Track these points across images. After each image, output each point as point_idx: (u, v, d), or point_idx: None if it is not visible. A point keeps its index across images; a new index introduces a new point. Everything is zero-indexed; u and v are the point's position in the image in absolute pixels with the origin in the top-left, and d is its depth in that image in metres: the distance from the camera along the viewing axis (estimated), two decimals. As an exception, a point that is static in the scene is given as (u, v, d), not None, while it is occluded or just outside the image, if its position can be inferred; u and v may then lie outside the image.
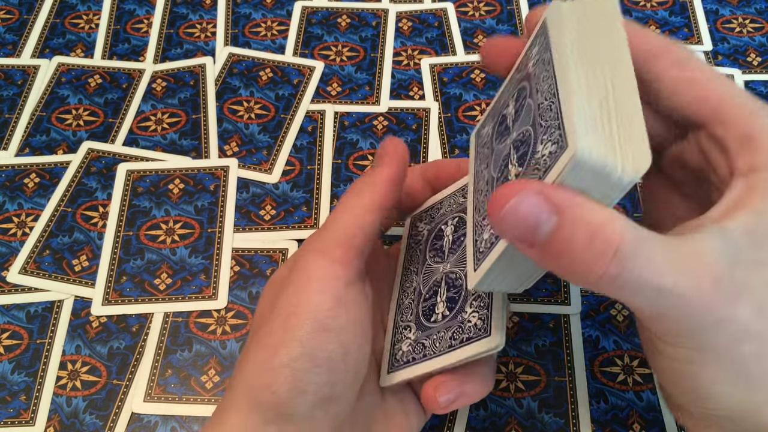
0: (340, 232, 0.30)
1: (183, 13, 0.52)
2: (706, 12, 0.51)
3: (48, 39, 0.51)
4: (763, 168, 0.24)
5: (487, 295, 0.30)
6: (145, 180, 0.44)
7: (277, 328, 0.29)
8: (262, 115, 0.47)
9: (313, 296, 0.29)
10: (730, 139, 0.26)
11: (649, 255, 0.22)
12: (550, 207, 0.22)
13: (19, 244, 0.42)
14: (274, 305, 0.30)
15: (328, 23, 0.51)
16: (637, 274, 0.22)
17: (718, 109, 0.26)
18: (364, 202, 0.31)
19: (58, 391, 0.38)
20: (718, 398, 0.24)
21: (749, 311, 0.23)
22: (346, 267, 0.29)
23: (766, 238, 0.24)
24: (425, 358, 0.31)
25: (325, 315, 0.28)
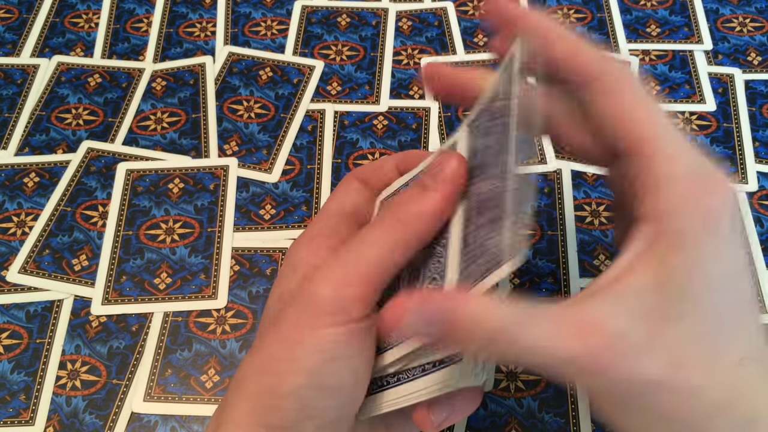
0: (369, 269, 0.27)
1: (183, 12, 0.52)
2: (707, 11, 0.51)
3: (48, 38, 0.51)
4: (667, 218, 0.24)
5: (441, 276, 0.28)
6: (145, 179, 0.44)
7: (283, 355, 0.27)
8: (261, 114, 0.47)
9: (323, 329, 0.27)
10: (641, 180, 0.25)
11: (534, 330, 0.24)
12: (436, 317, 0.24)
13: (18, 243, 0.42)
14: (278, 327, 0.28)
15: (328, 22, 0.51)
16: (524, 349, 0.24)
17: (636, 147, 0.26)
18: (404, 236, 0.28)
19: (58, 390, 0.38)
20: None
21: (662, 365, 0.23)
22: (365, 304, 0.27)
23: (673, 292, 0.24)
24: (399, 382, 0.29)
25: (333, 347, 0.27)
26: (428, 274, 0.29)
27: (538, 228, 0.42)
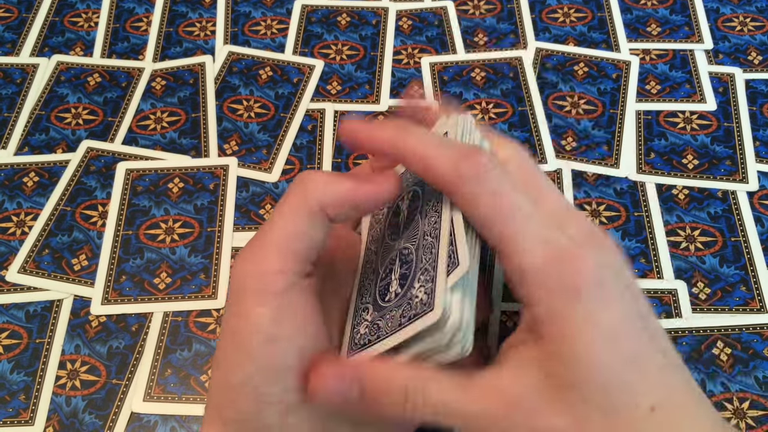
0: (281, 240, 0.28)
1: (182, 11, 0.52)
2: (707, 10, 0.51)
3: (47, 37, 0.50)
4: (536, 304, 0.27)
5: (432, 267, 0.29)
6: (145, 179, 0.44)
7: (227, 347, 0.28)
8: (261, 113, 0.47)
9: (253, 311, 0.27)
10: (510, 272, 0.28)
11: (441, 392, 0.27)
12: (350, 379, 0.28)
13: (18, 243, 0.42)
14: (224, 323, 0.29)
15: (328, 22, 0.51)
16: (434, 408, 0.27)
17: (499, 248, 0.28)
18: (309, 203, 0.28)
19: (58, 390, 0.38)
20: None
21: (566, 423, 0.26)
22: (285, 275, 0.28)
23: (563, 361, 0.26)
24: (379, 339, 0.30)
25: (268, 326, 0.27)
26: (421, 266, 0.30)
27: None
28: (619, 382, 0.26)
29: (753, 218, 0.42)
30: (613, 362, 0.26)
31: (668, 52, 0.49)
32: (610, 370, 0.26)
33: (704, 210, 0.43)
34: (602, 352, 0.26)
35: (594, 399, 0.26)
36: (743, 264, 0.41)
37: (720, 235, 0.42)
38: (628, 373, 0.26)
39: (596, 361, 0.26)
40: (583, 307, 0.26)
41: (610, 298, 0.27)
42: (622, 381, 0.26)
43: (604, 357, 0.26)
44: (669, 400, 0.26)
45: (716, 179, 0.44)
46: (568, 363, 0.27)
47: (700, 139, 0.45)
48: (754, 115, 0.46)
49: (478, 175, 0.28)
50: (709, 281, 0.40)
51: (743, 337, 0.39)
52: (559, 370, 0.27)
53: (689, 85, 0.47)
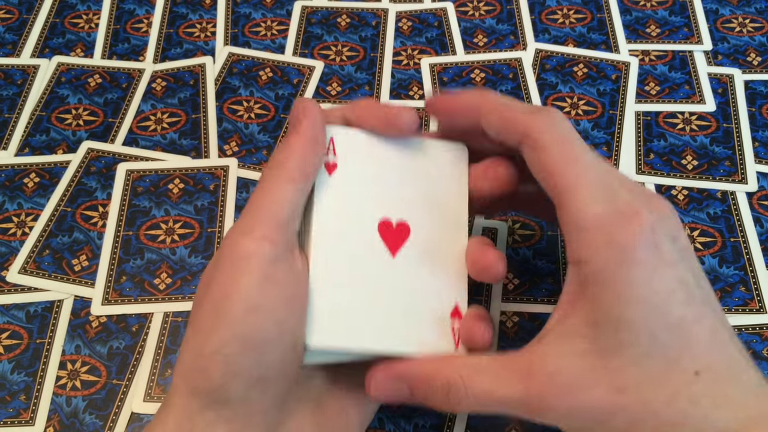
0: (263, 210, 0.29)
1: (183, 12, 0.52)
2: (706, 11, 0.51)
3: (48, 38, 0.51)
4: (585, 262, 0.27)
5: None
6: (145, 180, 0.44)
7: (208, 314, 0.28)
8: (261, 114, 0.47)
9: (240, 278, 0.28)
10: (564, 229, 0.28)
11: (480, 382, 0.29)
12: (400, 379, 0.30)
13: (18, 243, 0.42)
14: (205, 292, 0.29)
15: (328, 23, 0.51)
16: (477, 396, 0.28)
17: (558, 198, 0.29)
18: (283, 173, 0.30)
19: (58, 390, 0.38)
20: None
21: (606, 392, 0.26)
22: (273, 243, 0.28)
23: (607, 326, 0.27)
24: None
25: (254, 295, 0.28)
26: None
27: (538, 228, 0.42)
28: (664, 348, 0.26)
29: (752, 219, 0.42)
30: (661, 328, 0.26)
31: (667, 53, 0.49)
32: (656, 335, 0.26)
33: (703, 210, 0.43)
34: (651, 317, 0.26)
35: (639, 363, 0.26)
36: (742, 264, 0.41)
37: (719, 235, 0.42)
38: (675, 339, 0.26)
39: (644, 326, 0.26)
40: (636, 270, 0.26)
41: (664, 261, 0.27)
42: (668, 346, 0.26)
43: (653, 322, 0.26)
44: (714, 365, 0.26)
45: (715, 180, 0.44)
46: (615, 325, 0.26)
47: (700, 140, 0.45)
48: (753, 115, 0.46)
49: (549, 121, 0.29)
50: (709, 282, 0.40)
51: (743, 338, 0.39)
52: (603, 335, 0.27)
53: (688, 86, 0.48)
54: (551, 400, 0.27)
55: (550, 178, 0.29)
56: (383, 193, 0.33)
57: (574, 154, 0.29)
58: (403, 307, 0.31)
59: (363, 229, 0.32)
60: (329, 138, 0.32)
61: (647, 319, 0.26)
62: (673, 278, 0.27)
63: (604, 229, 0.27)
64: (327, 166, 0.32)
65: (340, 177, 0.32)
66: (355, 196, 0.32)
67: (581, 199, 0.28)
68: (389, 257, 0.32)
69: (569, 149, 0.29)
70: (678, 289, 0.27)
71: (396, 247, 0.32)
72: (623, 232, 0.27)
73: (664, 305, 0.26)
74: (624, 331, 0.26)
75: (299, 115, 0.31)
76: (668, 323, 0.26)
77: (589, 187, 0.28)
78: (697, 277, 0.28)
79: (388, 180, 0.33)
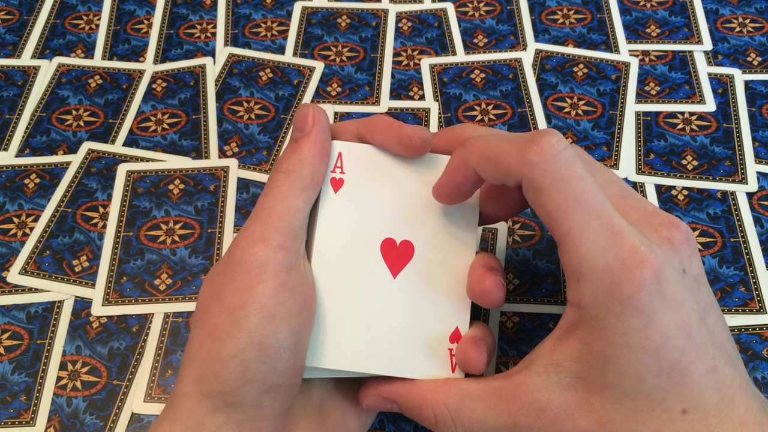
0: (276, 217, 0.29)
1: (183, 13, 0.52)
2: (706, 12, 0.51)
3: (48, 40, 0.51)
4: (587, 307, 0.27)
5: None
6: (145, 180, 0.44)
7: (224, 321, 0.28)
8: (262, 115, 0.47)
9: (257, 286, 0.28)
10: (566, 271, 0.28)
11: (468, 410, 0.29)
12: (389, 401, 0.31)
13: (19, 244, 0.42)
14: (217, 299, 0.29)
15: (328, 23, 0.51)
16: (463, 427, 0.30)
17: (560, 240, 0.28)
18: (296, 180, 0.30)
19: (59, 391, 0.38)
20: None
21: (589, 423, 0.27)
22: (287, 251, 0.29)
23: (595, 366, 0.27)
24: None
25: (271, 303, 0.28)
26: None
27: (538, 228, 0.42)
28: (651, 389, 0.26)
29: (752, 219, 0.42)
30: (650, 372, 0.26)
31: (667, 54, 0.49)
32: (643, 378, 0.26)
33: (703, 211, 0.43)
34: (640, 361, 0.26)
35: (620, 402, 0.27)
36: (743, 265, 0.41)
37: (719, 235, 0.42)
38: (664, 382, 0.26)
39: (631, 370, 0.26)
40: (633, 319, 0.26)
41: (666, 305, 0.26)
42: (655, 388, 0.26)
43: (640, 366, 0.26)
44: (705, 402, 0.26)
45: (715, 180, 0.44)
46: (602, 367, 0.27)
47: (700, 140, 0.45)
48: (753, 116, 0.46)
49: (546, 160, 0.27)
50: (709, 282, 0.40)
51: (742, 338, 0.39)
52: (589, 373, 0.27)
53: (688, 86, 0.48)
54: (542, 426, 0.28)
55: (550, 222, 0.28)
56: (389, 212, 0.32)
57: (575, 196, 0.27)
58: (401, 330, 0.31)
59: (365, 249, 0.32)
60: (337, 153, 0.32)
61: (635, 365, 0.26)
62: (673, 324, 0.26)
63: (605, 280, 0.26)
64: (333, 182, 0.32)
65: (346, 194, 0.32)
66: (359, 214, 0.32)
67: (582, 248, 0.27)
68: (390, 278, 0.32)
69: (570, 190, 0.27)
70: (677, 335, 0.26)
71: (398, 267, 0.32)
72: (625, 284, 0.26)
73: (656, 351, 0.26)
74: (609, 373, 0.27)
75: (309, 121, 0.31)
76: (659, 368, 0.26)
77: (591, 234, 0.27)
78: (704, 312, 0.27)
79: (394, 198, 0.33)
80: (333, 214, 0.32)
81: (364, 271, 0.32)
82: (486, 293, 0.31)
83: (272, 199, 0.30)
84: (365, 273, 0.32)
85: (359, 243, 0.32)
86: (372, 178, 0.32)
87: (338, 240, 0.32)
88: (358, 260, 0.32)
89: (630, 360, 0.26)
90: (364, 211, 0.32)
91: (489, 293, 0.31)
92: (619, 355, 0.26)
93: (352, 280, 0.31)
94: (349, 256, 0.31)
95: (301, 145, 0.31)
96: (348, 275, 0.31)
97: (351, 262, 0.31)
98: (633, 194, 0.31)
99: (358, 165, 0.32)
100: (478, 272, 0.32)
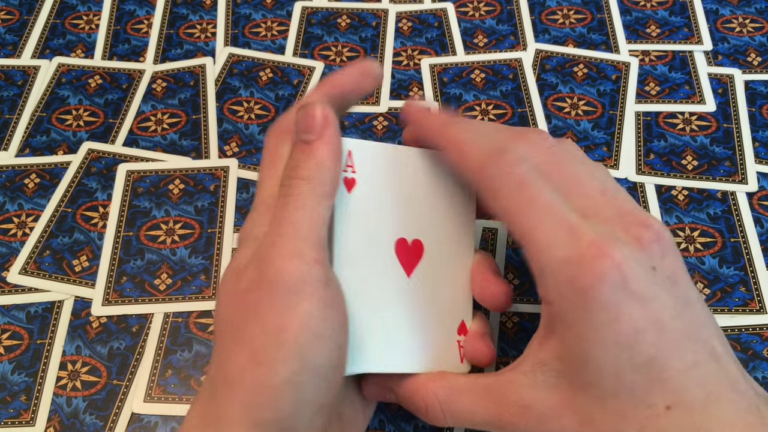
0: (306, 230, 0.28)
1: (183, 13, 0.52)
2: (706, 12, 0.51)
3: (48, 39, 0.51)
4: (553, 303, 0.28)
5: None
6: (145, 180, 0.44)
7: (268, 344, 0.27)
8: (262, 115, 0.47)
9: (300, 305, 0.27)
10: (530, 268, 0.28)
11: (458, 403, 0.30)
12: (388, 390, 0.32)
13: (19, 244, 0.42)
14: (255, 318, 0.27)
15: (328, 23, 0.51)
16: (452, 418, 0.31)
17: (519, 240, 0.28)
18: (318, 188, 0.29)
19: (59, 391, 0.38)
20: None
21: (572, 422, 0.27)
22: (322, 265, 0.28)
23: (575, 364, 0.27)
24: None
25: (316, 322, 0.27)
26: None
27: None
28: (631, 386, 0.26)
29: (752, 219, 0.42)
30: (626, 368, 0.26)
31: (667, 54, 0.49)
32: (621, 375, 0.26)
33: (704, 211, 0.43)
34: (615, 357, 0.26)
35: (603, 401, 0.27)
36: (743, 265, 0.41)
37: (719, 235, 0.42)
38: (643, 377, 0.26)
39: (608, 366, 0.26)
40: (599, 313, 0.26)
41: (633, 300, 0.26)
42: (635, 384, 0.26)
43: (616, 362, 0.26)
44: (689, 398, 0.26)
45: (715, 180, 0.44)
46: (581, 365, 0.27)
47: (700, 140, 0.45)
48: (753, 116, 0.46)
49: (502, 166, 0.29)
50: (709, 282, 0.40)
51: (743, 338, 0.39)
52: (571, 372, 0.27)
53: (688, 87, 0.48)
54: (523, 428, 0.29)
55: (507, 223, 0.29)
56: (399, 211, 0.32)
57: (530, 198, 0.28)
58: (417, 327, 0.32)
59: (381, 249, 0.31)
60: (347, 151, 0.31)
61: (610, 361, 0.26)
62: (642, 318, 0.26)
63: (565, 273, 0.27)
64: (346, 181, 0.31)
65: (359, 194, 0.31)
66: (373, 214, 0.31)
67: (541, 245, 0.27)
68: (404, 277, 0.32)
69: (525, 193, 0.28)
70: (648, 329, 0.26)
71: (411, 266, 0.32)
72: (585, 275, 0.26)
73: (629, 346, 0.26)
74: (588, 371, 0.27)
75: (319, 121, 0.30)
76: (634, 363, 0.26)
77: (546, 231, 0.27)
78: (681, 308, 0.27)
79: (403, 196, 0.32)
80: (349, 214, 0.31)
81: (381, 272, 0.31)
82: (496, 297, 0.33)
83: (296, 209, 0.28)
84: (382, 274, 0.31)
85: (375, 243, 0.31)
86: (380, 176, 0.32)
87: (356, 241, 0.31)
88: (375, 261, 0.31)
89: (604, 356, 0.26)
90: (377, 211, 0.31)
91: (498, 297, 0.32)
92: (592, 351, 0.26)
93: (371, 282, 0.31)
94: (368, 259, 0.31)
95: (316, 148, 0.29)
96: (366, 277, 0.31)
97: (368, 263, 0.31)
98: (616, 192, 0.30)
99: (367, 163, 0.32)
100: (484, 273, 0.33)
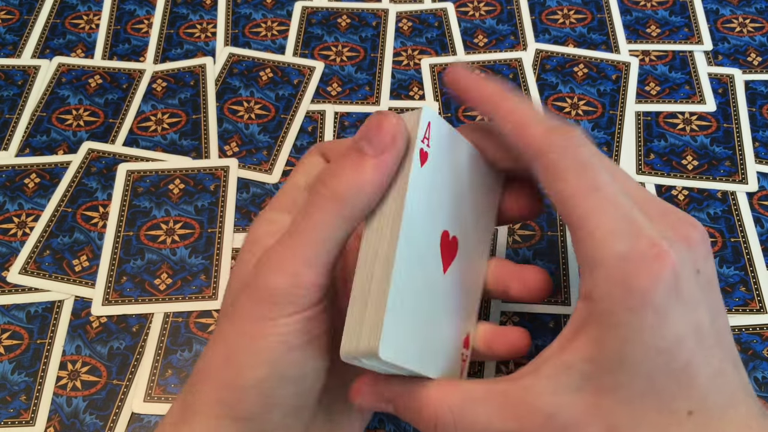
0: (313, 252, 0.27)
1: (183, 13, 0.52)
2: (707, 11, 0.51)
3: (48, 39, 0.51)
4: (600, 300, 0.26)
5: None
6: (146, 180, 0.44)
7: (245, 347, 0.27)
8: (262, 115, 0.47)
9: (281, 320, 0.27)
10: (579, 260, 0.27)
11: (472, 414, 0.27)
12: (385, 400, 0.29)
13: (19, 244, 0.42)
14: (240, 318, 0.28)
15: (328, 23, 0.51)
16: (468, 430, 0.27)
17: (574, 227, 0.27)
18: (343, 210, 0.27)
19: (59, 391, 0.38)
20: None
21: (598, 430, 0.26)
22: (318, 289, 0.27)
23: (607, 366, 0.26)
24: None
25: (294, 338, 0.27)
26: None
27: (538, 228, 0.42)
28: (660, 390, 0.26)
29: (752, 219, 0.42)
30: (661, 372, 0.25)
31: (668, 54, 0.49)
32: (654, 378, 0.25)
33: (704, 211, 0.43)
34: (653, 361, 0.25)
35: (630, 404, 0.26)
36: (743, 265, 0.41)
37: (719, 235, 0.42)
38: (674, 382, 0.25)
39: (643, 369, 0.25)
40: (649, 316, 0.25)
41: (682, 305, 0.25)
42: (664, 389, 0.26)
43: (653, 365, 0.25)
44: (710, 404, 0.26)
45: (716, 180, 0.44)
46: (615, 366, 0.26)
47: (700, 140, 0.45)
48: (753, 116, 0.46)
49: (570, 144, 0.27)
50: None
51: (743, 338, 0.39)
52: (600, 373, 0.26)
53: (689, 87, 0.48)
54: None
55: (565, 207, 0.27)
56: (450, 202, 0.30)
57: (594, 183, 0.26)
58: (442, 328, 0.29)
59: (431, 235, 0.29)
60: (426, 122, 0.28)
61: (647, 364, 0.25)
62: (687, 324, 0.25)
63: (621, 270, 0.25)
64: (422, 154, 0.28)
65: (428, 170, 0.28)
66: (434, 197, 0.29)
67: (599, 235, 0.26)
68: (441, 272, 0.29)
69: (590, 177, 0.26)
70: (690, 335, 0.25)
71: (448, 262, 0.30)
72: (642, 276, 0.25)
73: (669, 351, 0.25)
74: (622, 373, 0.26)
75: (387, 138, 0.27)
76: (670, 368, 0.25)
77: (608, 221, 0.26)
78: (714, 314, 0.27)
79: (455, 188, 0.30)
80: (418, 189, 0.28)
81: (429, 258, 0.29)
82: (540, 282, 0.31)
83: (313, 229, 0.27)
84: (427, 262, 0.28)
85: (429, 228, 0.28)
86: (445, 159, 0.29)
87: (419, 226, 0.28)
88: (425, 247, 0.28)
89: (644, 359, 0.25)
90: (436, 195, 0.29)
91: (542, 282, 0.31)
92: (634, 354, 0.25)
93: (420, 272, 0.28)
94: (422, 245, 0.28)
95: (366, 165, 0.27)
96: (419, 265, 0.28)
97: (422, 251, 0.28)
98: (649, 193, 0.30)
99: (438, 141, 0.29)
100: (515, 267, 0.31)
